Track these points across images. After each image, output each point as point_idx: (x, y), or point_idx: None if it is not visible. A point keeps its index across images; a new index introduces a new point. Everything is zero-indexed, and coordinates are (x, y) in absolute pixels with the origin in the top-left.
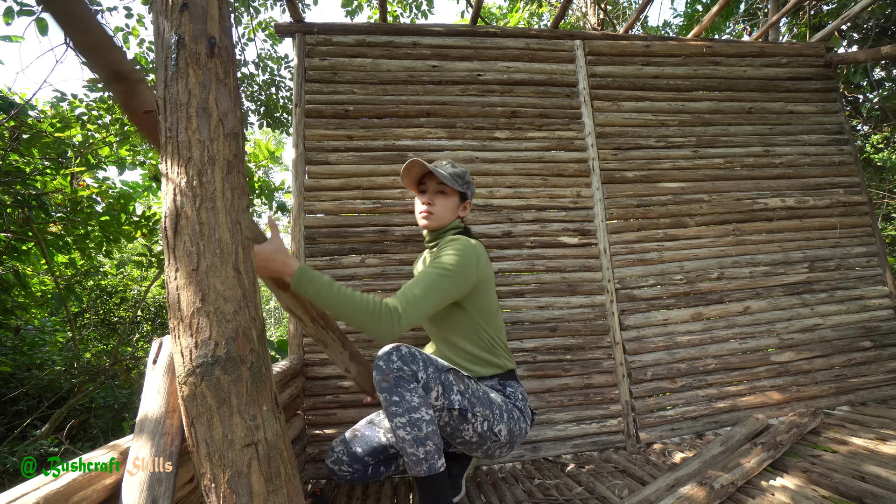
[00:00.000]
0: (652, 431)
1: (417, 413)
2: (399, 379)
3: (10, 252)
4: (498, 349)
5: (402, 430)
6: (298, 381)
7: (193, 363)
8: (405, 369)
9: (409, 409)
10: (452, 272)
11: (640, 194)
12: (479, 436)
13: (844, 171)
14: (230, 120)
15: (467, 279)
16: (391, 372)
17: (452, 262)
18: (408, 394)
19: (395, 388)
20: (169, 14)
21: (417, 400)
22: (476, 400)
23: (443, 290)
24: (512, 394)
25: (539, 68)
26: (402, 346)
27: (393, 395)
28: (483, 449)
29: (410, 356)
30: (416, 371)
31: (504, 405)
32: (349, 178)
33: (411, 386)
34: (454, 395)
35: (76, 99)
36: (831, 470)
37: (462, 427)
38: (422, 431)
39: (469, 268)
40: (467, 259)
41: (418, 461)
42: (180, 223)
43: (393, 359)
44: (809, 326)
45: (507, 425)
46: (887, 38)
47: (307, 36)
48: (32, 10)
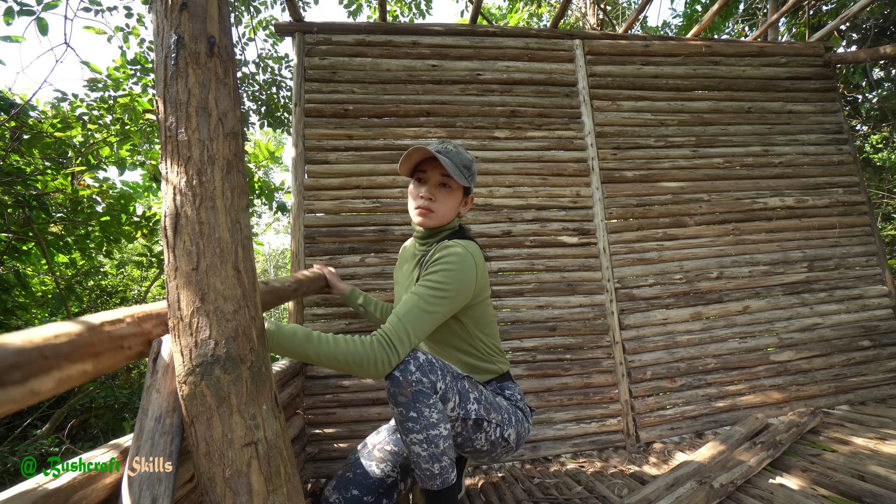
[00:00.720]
0: (652, 431)
1: (436, 430)
2: (418, 394)
3: (11, 252)
4: (493, 355)
5: (417, 447)
6: (298, 381)
7: (193, 362)
8: (424, 381)
9: (427, 426)
10: (448, 293)
11: (640, 194)
12: (490, 444)
13: (844, 171)
14: (230, 119)
15: (464, 297)
16: (409, 385)
17: (448, 281)
18: (426, 409)
19: (412, 404)
20: (168, 13)
21: (437, 416)
22: (490, 406)
23: (440, 314)
24: (511, 395)
25: (538, 68)
26: (418, 354)
27: (410, 410)
28: (491, 456)
29: (429, 365)
30: (434, 382)
31: (510, 408)
32: (349, 177)
33: (430, 401)
34: (471, 403)
35: (77, 99)
36: (831, 469)
37: (476, 436)
38: (439, 448)
39: (466, 285)
40: (465, 275)
41: (432, 476)
42: (180, 222)
43: (411, 369)
44: (809, 326)
45: (515, 429)
46: (886, 38)
47: (307, 35)
48: (32, 10)
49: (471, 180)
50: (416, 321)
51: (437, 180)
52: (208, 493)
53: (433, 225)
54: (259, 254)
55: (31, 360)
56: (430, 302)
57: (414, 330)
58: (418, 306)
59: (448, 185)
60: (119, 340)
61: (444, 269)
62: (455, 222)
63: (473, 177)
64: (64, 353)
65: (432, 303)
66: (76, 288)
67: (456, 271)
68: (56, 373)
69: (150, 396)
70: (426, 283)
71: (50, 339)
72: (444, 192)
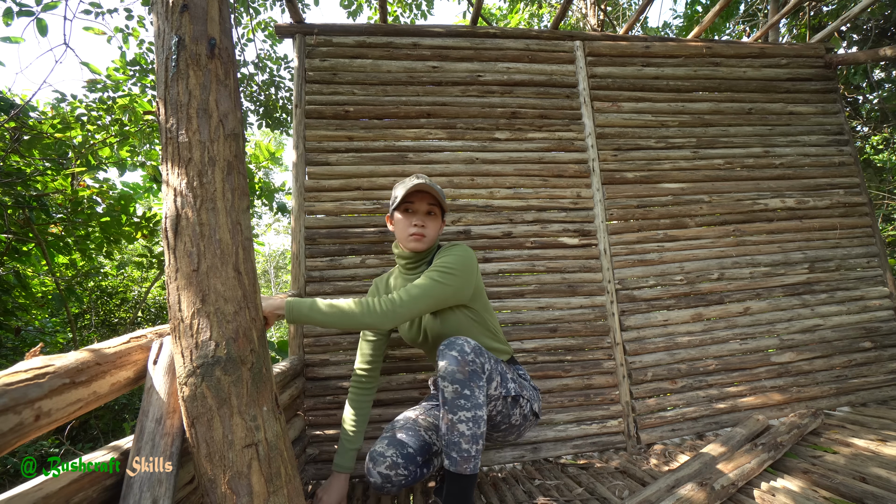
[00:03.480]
0: (652, 432)
1: (481, 411)
2: (473, 374)
3: (11, 253)
4: (501, 336)
5: (464, 425)
6: (299, 382)
7: (194, 364)
8: (477, 362)
9: (476, 405)
10: (456, 271)
11: (641, 195)
12: (523, 417)
13: (844, 172)
14: (230, 121)
15: (468, 281)
16: (467, 364)
17: (456, 262)
18: (477, 390)
19: (468, 382)
20: (169, 15)
21: (483, 398)
22: (521, 385)
23: (449, 286)
24: (524, 375)
25: (539, 69)
26: (469, 340)
27: (465, 388)
28: (520, 431)
29: (479, 349)
30: (483, 364)
31: (528, 385)
32: (349, 178)
33: (481, 383)
34: (510, 382)
35: (76, 100)
36: (832, 471)
37: (513, 412)
38: (480, 429)
39: (470, 270)
40: (470, 262)
41: (469, 458)
42: (181, 224)
43: (466, 350)
44: (810, 327)
45: (538, 402)
46: (887, 39)
47: (307, 37)
48: (32, 11)
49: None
50: (427, 288)
51: (424, 209)
52: (209, 495)
53: (424, 248)
54: (259, 255)
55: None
56: (442, 276)
57: (423, 292)
58: (431, 278)
59: (433, 212)
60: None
61: (454, 255)
62: (435, 244)
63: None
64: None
65: (442, 278)
66: (76, 289)
67: (463, 257)
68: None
69: (150, 398)
70: (437, 266)
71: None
72: (431, 219)
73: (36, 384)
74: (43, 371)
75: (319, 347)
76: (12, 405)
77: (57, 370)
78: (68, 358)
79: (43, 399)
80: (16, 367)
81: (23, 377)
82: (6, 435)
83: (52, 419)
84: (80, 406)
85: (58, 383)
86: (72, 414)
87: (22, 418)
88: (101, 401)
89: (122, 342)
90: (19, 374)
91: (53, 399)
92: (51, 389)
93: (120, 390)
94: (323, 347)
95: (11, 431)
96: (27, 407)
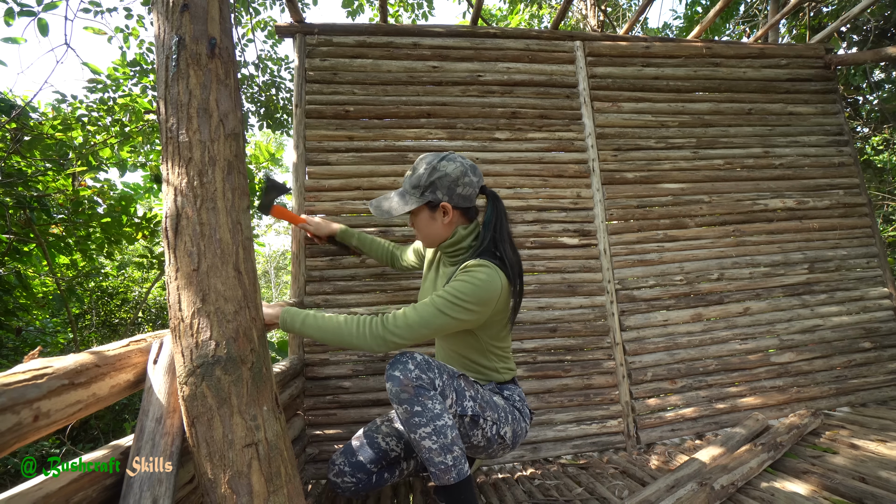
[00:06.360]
0: (652, 432)
1: (441, 420)
2: (419, 388)
3: (12, 253)
4: (508, 360)
5: (427, 441)
6: (298, 382)
7: (194, 363)
8: (423, 378)
9: (432, 417)
10: (465, 304)
11: (640, 195)
12: (486, 440)
13: (844, 173)
14: (231, 120)
15: (481, 316)
16: (410, 382)
17: (468, 293)
18: (429, 402)
19: (416, 399)
20: (170, 15)
21: (439, 407)
22: (485, 404)
23: (453, 319)
24: (510, 396)
25: (539, 69)
26: (415, 354)
27: (415, 405)
28: (488, 452)
29: (426, 364)
30: (433, 379)
31: (506, 407)
32: (350, 178)
33: (431, 393)
34: (467, 401)
35: (77, 100)
36: (832, 471)
37: (472, 433)
38: (447, 438)
39: (485, 303)
40: (487, 294)
41: (447, 469)
42: (181, 223)
43: (410, 367)
44: (809, 327)
45: (511, 427)
46: (887, 40)
47: (308, 37)
48: (33, 11)
49: (429, 193)
50: (427, 316)
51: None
52: (209, 494)
53: (431, 245)
54: (260, 255)
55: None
56: (450, 307)
57: (421, 321)
58: (435, 305)
59: (412, 211)
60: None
61: (474, 283)
62: (469, 242)
63: (432, 186)
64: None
65: (449, 309)
66: (77, 289)
67: (483, 289)
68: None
69: (150, 397)
70: (450, 288)
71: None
72: (414, 219)
73: (34, 385)
74: (41, 372)
75: (319, 347)
76: (10, 405)
77: (55, 371)
78: (67, 360)
79: (41, 400)
80: (14, 370)
81: (21, 378)
82: (4, 435)
83: (51, 420)
84: (80, 408)
85: (56, 384)
86: (71, 416)
87: (20, 418)
88: (102, 403)
89: (121, 346)
90: (18, 375)
91: (52, 400)
92: (49, 390)
93: (120, 393)
94: (323, 347)
95: (10, 431)
96: (25, 407)
